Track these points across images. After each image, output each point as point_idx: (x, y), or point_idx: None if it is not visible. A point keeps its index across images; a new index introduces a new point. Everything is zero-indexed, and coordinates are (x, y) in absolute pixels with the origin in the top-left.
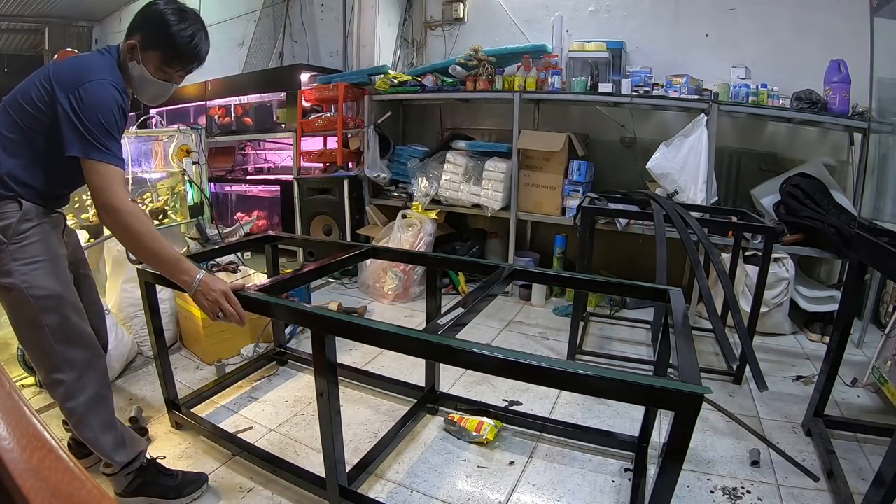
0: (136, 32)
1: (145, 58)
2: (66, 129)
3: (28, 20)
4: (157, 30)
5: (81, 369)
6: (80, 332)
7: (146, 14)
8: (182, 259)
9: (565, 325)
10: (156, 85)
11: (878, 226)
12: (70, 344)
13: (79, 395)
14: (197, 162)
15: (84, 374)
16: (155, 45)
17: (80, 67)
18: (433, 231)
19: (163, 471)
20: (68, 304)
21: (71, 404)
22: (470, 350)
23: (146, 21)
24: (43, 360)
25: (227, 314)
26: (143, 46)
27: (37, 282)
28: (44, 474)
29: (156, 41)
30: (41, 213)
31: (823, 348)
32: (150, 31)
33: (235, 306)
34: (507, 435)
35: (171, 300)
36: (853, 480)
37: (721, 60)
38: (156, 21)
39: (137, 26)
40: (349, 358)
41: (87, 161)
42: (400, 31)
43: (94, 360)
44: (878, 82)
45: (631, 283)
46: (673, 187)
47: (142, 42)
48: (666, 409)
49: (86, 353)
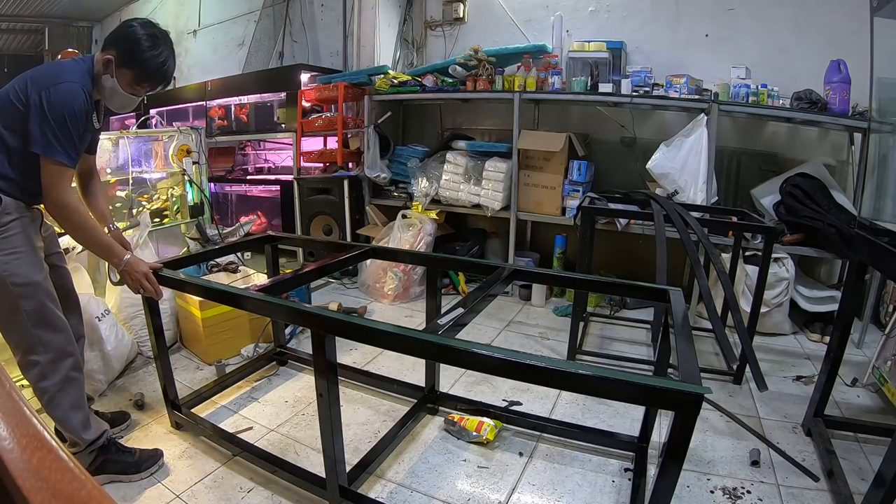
0: (113, 48)
1: (118, 73)
2: (32, 124)
3: (28, 20)
4: (131, 52)
5: (55, 352)
6: (55, 318)
7: (123, 34)
8: (113, 244)
9: (565, 325)
10: (125, 97)
11: (878, 226)
12: (45, 328)
13: (52, 376)
14: (197, 162)
15: (57, 357)
16: (128, 64)
17: (55, 70)
18: (433, 231)
19: (122, 448)
20: (44, 292)
21: (44, 384)
22: (470, 350)
23: (122, 40)
24: (20, 343)
25: (146, 290)
26: (118, 63)
27: (16, 270)
28: (44, 474)
29: (130, 62)
30: (21, 207)
31: (823, 348)
32: (126, 52)
33: (153, 284)
34: (507, 435)
35: (171, 300)
36: (853, 480)
37: (721, 60)
38: (131, 43)
39: (114, 42)
40: (349, 358)
41: (44, 158)
42: (400, 31)
43: (66, 345)
44: (878, 82)
45: (631, 283)
46: (673, 187)
47: (116, 58)
48: (666, 409)
49: (60, 337)
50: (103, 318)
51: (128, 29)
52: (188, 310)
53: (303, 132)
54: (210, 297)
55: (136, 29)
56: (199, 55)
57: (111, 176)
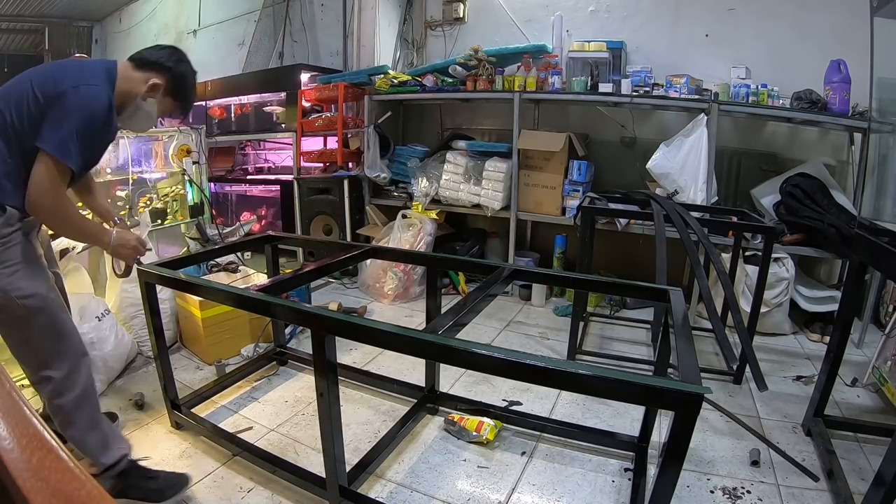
0: (164, 74)
1: (162, 100)
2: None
3: (28, 20)
4: (184, 87)
5: (69, 366)
6: (68, 330)
7: (181, 69)
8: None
9: (565, 325)
10: (152, 122)
11: (878, 226)
12: (58, 341)
13: (67, 393)
14: (197, 162)
15: (72, 371)
16: (174, 96)
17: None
18: (433, 231)
19: (145, 474)
20: (54, 303)
21: (59, 401)
22: (470, 350)
23: (178, 74)
24: (32, 358)
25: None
26: (166, 91)
27: (19, 283)
28: (44, 474)
29: (178, 94)
30: (21, 217)
31: (823, 348)
32: (178, 86)
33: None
34: (507, 435)
35: (171, 300)
36: (853, 480)
37: (721, 60)
38: (186, 81)
39: (165, 69)
40: (349, 358)
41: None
42: (400, 31)
43: (80, 358)
44: (878, 82)
45: (631, 283)
46: (673, 187)
47: (166, 87)
48: (666, 409)
49: (73, 350)
50: (103, 318)
51: (185, 64)
52: (188, 310)
53: (303, 132)
54: (210, 297)
55: (190, 66)
56: (199, 55)
57: (111, 176)
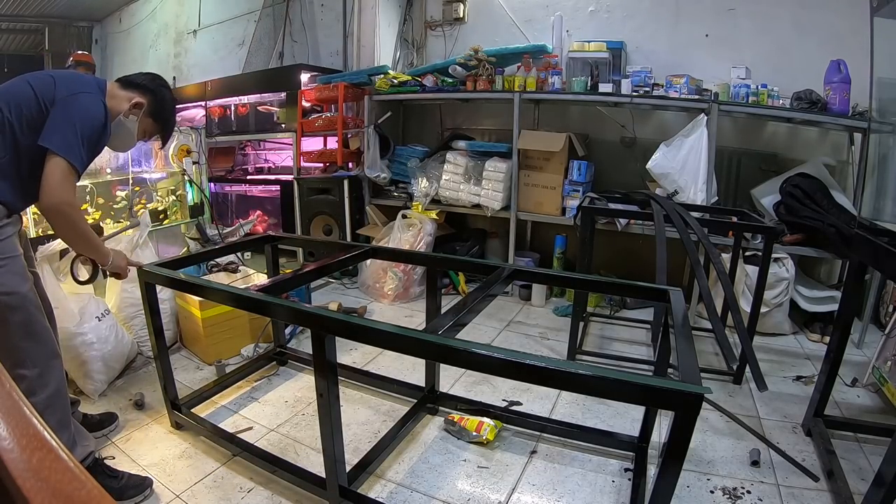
0: (148, 96)
1: (143, 120)
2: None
3: (28, 20)
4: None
5: (43, 366)
6: (41, 329)
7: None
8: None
9: (565, 325)
10: (132, 141)
11: (878, 226)
12: (33, 340)
13: (40, 392)
14: (197, 162)
15: (45, 370)
16: (155, 118)
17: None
18: (433, 231)
19: (108, 472)
20: (31, 302)
21: (32, 400)
22: (470, 350)
23: (160, 97)
24: (6, 357)
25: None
26: (147, 111)
27: (3, 279)
28: (44, 474)
29: (158, 116)
30: (8, 213)
31: (823, 348)
32: (159, 108)
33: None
34: (507, 435)
35: (171, 300)
36: (853, 480)
37: (721, 60)
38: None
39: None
40: (349, 358)
41: (57, 157)
42: (400, 31)
43: (53, 358)
44: (878, 82)
45: (631, 283)
46: (673, 187)
47: (148, 107)
48: (666, 409)
49: (47, 349)
50: (103, 318)
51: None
52: (188, 310)
53: (303, 132)
54: (210, 298)
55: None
56: (199, 55)
57: (111, 176)
